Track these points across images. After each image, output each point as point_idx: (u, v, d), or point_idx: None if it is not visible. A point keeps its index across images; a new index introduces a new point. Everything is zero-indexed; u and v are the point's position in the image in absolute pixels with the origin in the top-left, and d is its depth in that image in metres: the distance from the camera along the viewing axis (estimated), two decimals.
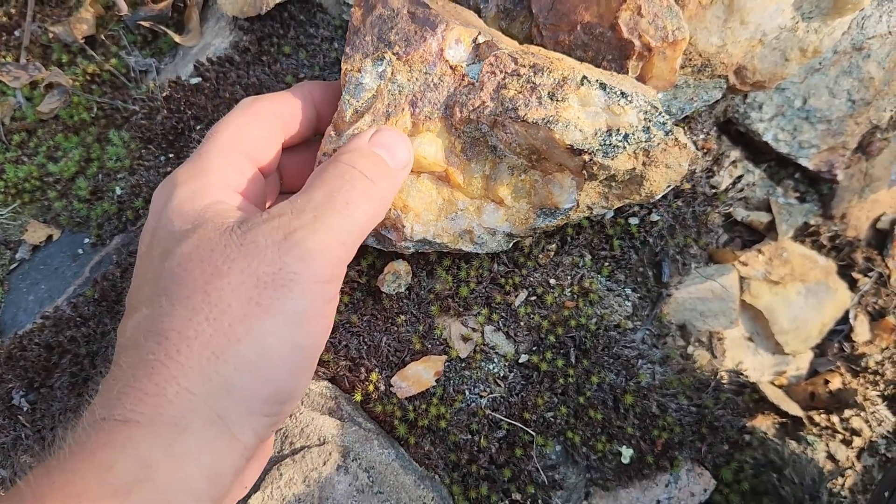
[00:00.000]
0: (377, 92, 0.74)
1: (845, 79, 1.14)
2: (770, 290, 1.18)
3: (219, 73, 1.15)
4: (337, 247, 0.59)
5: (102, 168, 1.18)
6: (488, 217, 0.82)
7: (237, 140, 0.69)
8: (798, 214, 1.20)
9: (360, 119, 0.74)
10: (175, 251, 0.58)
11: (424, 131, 0.76)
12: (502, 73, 0.75)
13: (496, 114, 0.74)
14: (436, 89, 0.75)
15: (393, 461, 0.88)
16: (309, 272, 0.57)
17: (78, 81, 1.27)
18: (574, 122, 0.73)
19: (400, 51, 0.73)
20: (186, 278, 0.56)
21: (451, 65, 0.75)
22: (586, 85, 0.75)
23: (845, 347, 1.24)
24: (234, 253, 0.57)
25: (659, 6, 0.89)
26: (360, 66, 0.73)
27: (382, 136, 0.70)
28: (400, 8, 0.74)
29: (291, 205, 0.61)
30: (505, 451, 0.91)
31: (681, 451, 0.96)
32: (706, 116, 1.08)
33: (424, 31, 0.73)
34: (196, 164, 0.66)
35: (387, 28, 0.74)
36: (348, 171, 0.64)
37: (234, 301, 0.55)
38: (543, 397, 0.93)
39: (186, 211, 0.61)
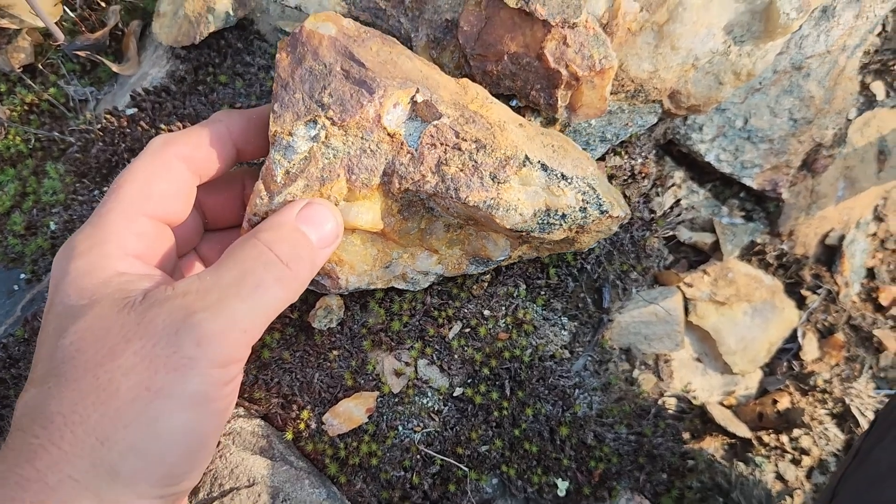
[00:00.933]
0: (310, 154, 0.69)
1: (786, 98, 1.13)
2: (716, 311, 1.17)
3: (154, 104, 1.13)
4: (238, 333, 0.57)
5: (38, 202, 1.16)
6: (422, 263, 0.82)
7: (141, 198, 0.65)
8: (743, 234, 1.19)
9: (293, 183, 0.69)
10: (69, 329, 0.56)
11: (362, 198, 0.73)
12: (443, 145, 0.73)
13: (437, 191, 0.73)
14: (373, 156, 0.71)
15: (324, 501, 0.87)
16: (206, 357, 0.55)
17: (16, 111, 1.26)
18: (514, 205, 0.74)
19: (335, 116, 0.68)
20: (78, 359, 0.54)
21: (390, 132, 0.71)
22: (528, 166, 0.75)
23: (794, 366, 1.23)
24: (130, 333, 0.55)
25: (585, 35, 0.88)
26: (290, 129, 0.68)
27: (311, 212, 0.67)
28: (332, 64, 0.69)
29: (199, 282, 0.58)
30: (439, 487, 0.90)
31: (619, 482, 0.95)
32: (645, 139, 1.08)
33: (361, 95, 0.69)
34: (96, 230, 0.63)
35: (319, 86, 0.68)
36: (264, 253, 0.61)
37: (124, 384, 0.53)
38: (478, 431, 0.92)
39: (84, 285, 0.59)
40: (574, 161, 0.80)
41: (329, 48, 0.70)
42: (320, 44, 0.69)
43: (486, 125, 0.75)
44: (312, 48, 0.69)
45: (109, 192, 0.66)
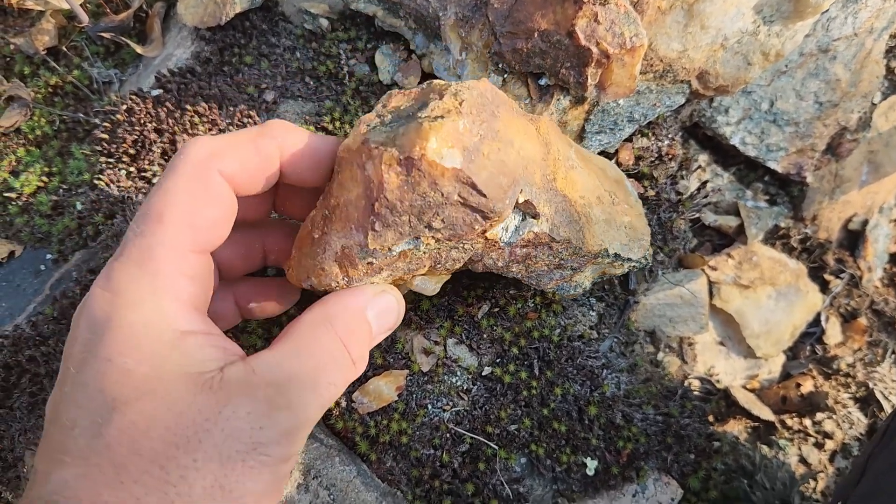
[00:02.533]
0: (401, 255, 0.65)
1: (812, 81, 1.13)
2: (740, 294, 1.17)
3: (180, 85, 1.13)
4: (309, 428, 0.55)
5: (64, 182, 1.16)
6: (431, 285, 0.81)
7: (192, 231, 0.57)
8: (768, 217, 1.19)
9: (377, 274, 0.65)
10: (132, 404, 0.49)
11: (437, 275, 0.73)
12: (535, 246, 0.73)
13: (518, 277, 0.78)
14: (464, 252, 0.69)
15: (354, 478, 0.87)
16: (279, 454, 0.52)
17: (40, 93, 1.26)
18: (581, 283, 0.83)
19: (441, 237, 0.64)
20: (145, 446, 0.48)
21: (489, 238, 0.69)
22: (603, 256, 0.80)
23: (817, 350, 1.23)
24: (209, 423, 0.49)
25: (616, 13, 0.88)
26: (391, 245, 0.63)
27: (382, 304, 0.65)
28: (450, 193, 0.61)
29: (279, 370, 0.54)
30: (468, 466, 0.90)
31: (647, 462, 0.95)
32: (671, 121, 1.08)
33: (475, 221, 0.64)
34: (143, 271, 0.54)
35: (431, 213, 0.62)
36: (339, 351, 0.58)
37: (198, 483, 0.48)
38: (507, 410, 0.92)
39: (145, 346, 0.51)
40: (640, 241, 0.86)
41: (451, 179, 0.61)
42: (442, 175, 0.60)
43: (575, 217, 0.75)
44: (431, 179, 0.60)
45: (148, 216, 0.56)
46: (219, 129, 1.08)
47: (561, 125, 0.97)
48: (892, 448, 0.81)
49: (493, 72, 0.97)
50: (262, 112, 1.11)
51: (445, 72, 1.05)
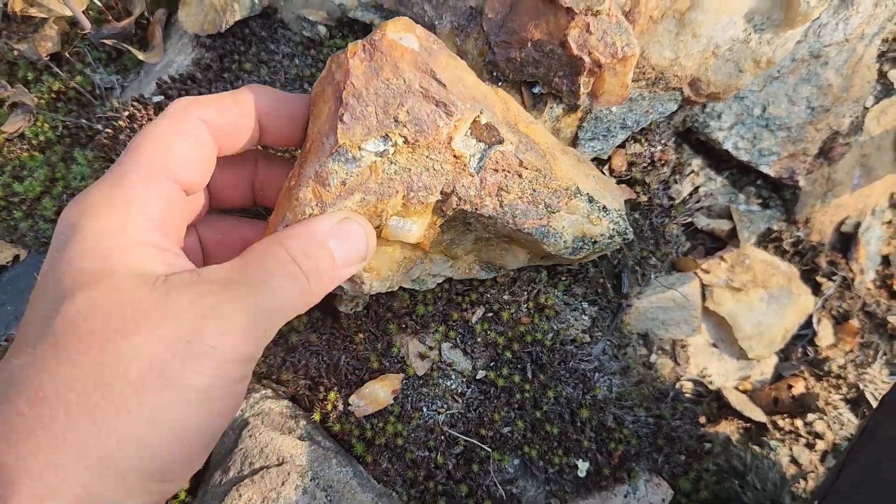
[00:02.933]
0: (372, 168, 0.66)
1: (804, 86, 1.14)
2: (733, 297, 1.19)
3: (181, 91, 1.15)
4: (260, 330, 0.55)
5: (67, 188, 1.18)
6: (438, 267, 0.85)
7: (165, 160, 0.61)
8: (760, 221, 1.21)
9: (349, 196, 0.66)
10: (77, 294, 0.51)
11: (414, 214, 0.73)
12: (505, 171, 0.74)
13: (494, 215, 0.75)
14: (435, 175, 0.70)
15: (351, 479, 0.89)
16: (227, 349, 0.52)
17: (44, 99, 1.28)
18: (560, 233, 0.79)
19: (408, 135, 0.66)
20: (83, 330, 0.49)
21: (456, 154, 0.70)
22: (577, 197, 0.80)
23: (809, 352, 1.25)
24: (150, 311, 0.51)
25: (608, 23, 0.90)
26: (360, 143, 0.64)
27: (346, 229, 0.65)
28: (412, 81, 0.65)
29: (226, 273, 0.56)
30: (462, 467, 0.92)
31: (638, 463, 0.97)
32: (664, 127, 1.09)
33: (438, 116, 0.66)
34: (115, 189, 0.58)
35: (396, 102, 0.65)
36: (288, 264, 0.59)
37: (134, 367, 0.48)
38: (500, 412, 0.94)
39: (101, 248, 0.54)
40: (612, 194, 0.85)
41: (410, 63, 0.65)
42: (402, 57, 0.65)
43: (541, 153, 0.77)
44: (393, 61, 0.65)
45: (128, 150, 0.61)
46: None
47: (554, 132, 0.99)
48: (877, 442, 0.82)
49: (487, 80, 0.98)
50: None
51: None
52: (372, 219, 0.70)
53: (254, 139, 0.70)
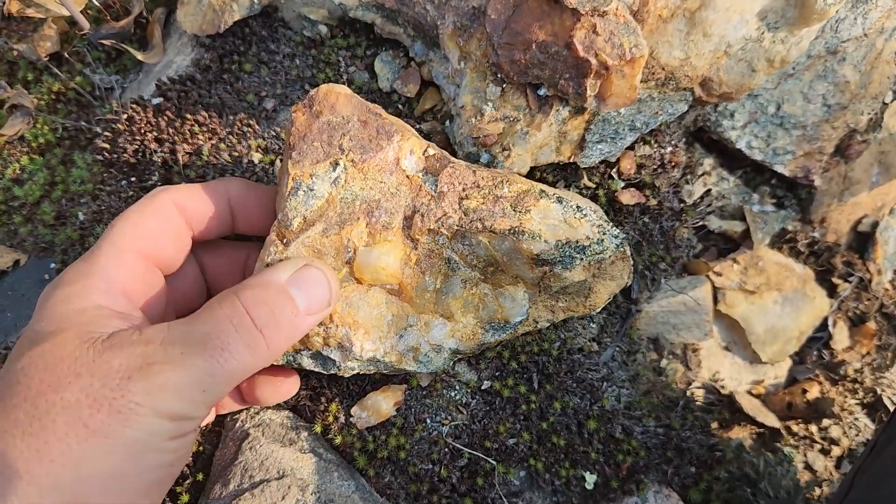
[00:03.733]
0: (329, 200, 0.71)
1: (820, 83, 1.11)
2: (746, 300, 1.16)
3: (180, 93, 1.13)
4: (195, 391, 0.55)
5: (67, 192, 1.17)
6: (436, 332, 0.80)
7: (132, 236, 0.65)
8: (774, 221, 1.18)
9: (310, 228, 0.70)
10: (25, 353, 0.55)
11: (382, 241, 0.73)
12: (461, 184, 0.75)
13: (460, 224, 0.75)
14: (393, 198, 0.73)
15: (353, 493, 0.88)
16: (153, 406, 0.53)
17: (43, 100, 1.26)
18: (538, 234, 0.76)
19: (355, 157, 0.71)
20: (23, 384, 0.52)
21: (408, 175, 0.74)
22: (545, 198, 0.78)
23: (824, 355, 1.22)
24: (83, 368, 0.53)
25: (615, 24, 0.87)
26: (311, 172, 0.70)
27: (305, 275, 0.65)
28: (350, 115, 0.72)
29: (167, 332, 0.57)
30: (467, 480, 0.91)
31: (647, 475, 0.95)
32: (675, 128, 1.06)
33: (380, 139, 0.72)
34: (85, 263, 0.63)
35: (338, 134, 0.71)
36: (238, 315, 0.59)
37: (61, 418, 0.51)
38: (506, 424, 0.92)
39: (58, 312, 0.58)
40: (582, 199, 0.83)
41: (346, 103, 0.72)
42: (337, 100, 0.72)
43: (498, 171, 0.80)
44: (330, 104, 0.72)
45: (104, 233, 0.66)
46: (219, 138, 1.08)
47: (561, 135, 0.96)
48: (883, 459, 0.80)
49: (491, 82, 0.95)
50: (261, 120, 1.11)
51: (444, 80, 1.04)
52: (340, 254, 0.72)
53: (227, 225, 0.75)
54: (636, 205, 1.00)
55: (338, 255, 0.71)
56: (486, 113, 0.96)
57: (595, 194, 1.01)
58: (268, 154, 1.07)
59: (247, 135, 1.09)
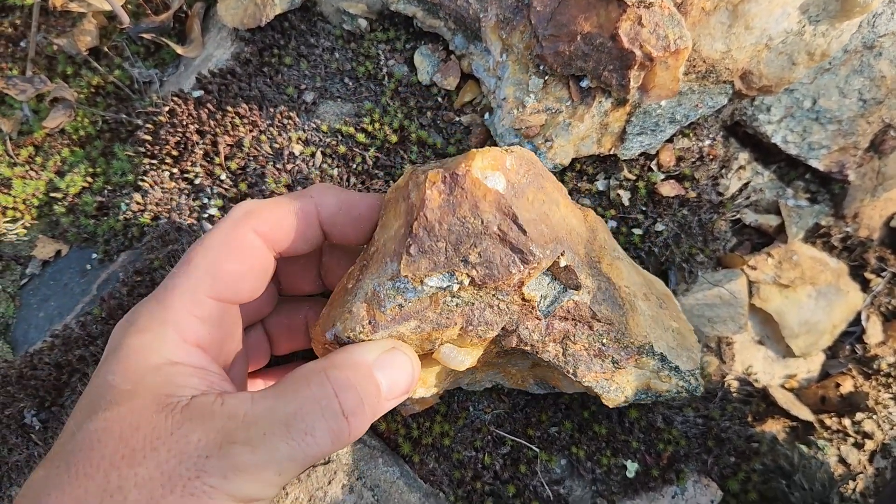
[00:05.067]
0: (432, 298, 0.63)
1: (856, 78, 1.11)
2: (780, 294, 1.16)
3: (221, 86, 1.14)
4: (272, 474, 0.53)
5: (108, 183, 1.18)
6: (488, 377, 0.81)
7: (211, 277, 0.62)
8: (808, 216, 1.18)
9: (404, 322, 0.63)
10: (100, 414, 0.52)
11: (469, 346, 0.68)
12: (574, 321, 0.69)
13: (554, 362, 0.70)
14: (498, 314, 0.66)
15: (397, 479, 0.89)
16: (228, 491, 0.51)
17: (83, 93, 1.28)
18: (623, 387, 0.74)
19: (476, 276, 0.62)
20: (97, 451, 0.50)
21: (526, 297, 0.66)
22: (648, 356, 0.74)
23: (857, 349, 1.22)
24: (159, 442, 0.51)
25: (660, 15, 0.88)
26: (423, 277, 0.61)
27: (392, 360, 0.62)
28: (490, 222, 0.61)
29: (250, 407, 0.54)
30: (509, 468, 0.91)
31: (687, 464, 0.95)
32: (712, 121, 1.07)
33: (513, 263, 0.62)
34: (159, 306, 0.60)
35: (469, 242, 0.61)
36: (328, 398, 0.56)
37: (132, 496, 0.49)
38: (548, 413, 0.93)
39: (131, 366, 0.55)
40: (688, 351, 0.80)
41: (492, 204, 0.62)
42: (483, 197, 0.61)
43: (619, 302, 0.73)
44: (473, 200, 0.61)
45: (181, 262, 0.63)
46: (259, 131, 1.10)
47: (602, 127, 0.97)
48: None
49: (533, 74, 0.97)
50: (301, 113, 1.12)
51: (485, 73, 1.05)
52: (424, 343, 0.66)
53: (315, 242, 0.71)
54: (675, 197, 1.01)
55: (421, 344, 0.66)
56: (529, 105, 0.97)
57: (635, 186, 1.01)
58: (308, 146, 1.08)
59: (287, 127, 1.10)
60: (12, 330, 1.14)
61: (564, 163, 0.98)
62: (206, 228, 1.04)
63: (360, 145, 1.07)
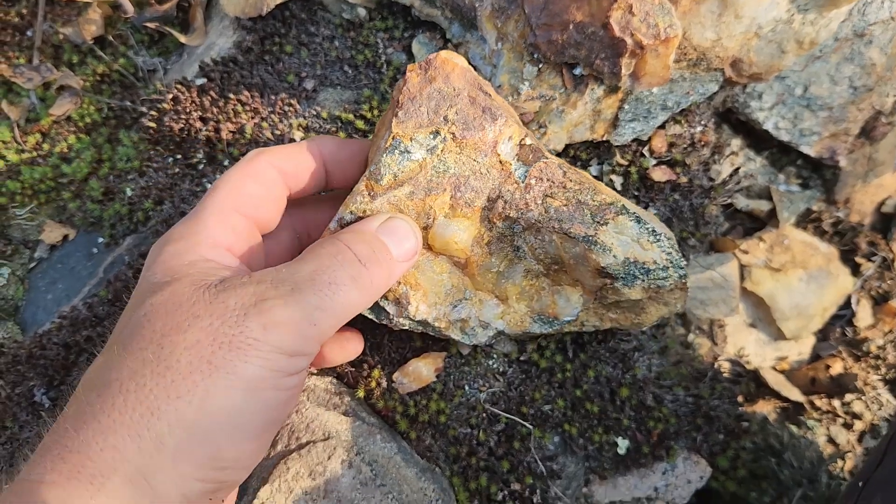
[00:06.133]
0: (421, 165, 0.73)
1: (847, 65, 1.13)
2: (771, 277, 1.19)
3: (223, 74, 1.17)
4: (307, 325, 0.58)
5: (114, 169, 1.21)
6: (487, 311, 0.83)
7: (234, 198, 0.69)
8: (800, 201, 1.20)
9: (399, 187, 0.72)
10: (146, 301, 0.58)
11: (462, 217, 0.76)
12: (549, 181, 0.77)
13: (539, 221, 0.77)
14: (482, 178, 0.75)
15: (395, 455, 0.91)
16: (270, 342, 0.56)
17: (88, 82, 1.30)
18: (609, 248, 0.77)
19: (456, 131, 0.72)
20: (147, 328, 0.56)
21: (502, 160, 0.76)
22: (624, 214, 0.79)
23: (847, 332, 1.25)
24: (201, 310, 0.56)
25: (650, 4, 0.90)
26: (412, 135, 0.71)
27: (393, 225, 0.69)
28: (461, 89, 0.73)
29: (275, 273, 0.60)
30: (504, 444, 0.94)
31: (677, 441, 0.98)
32: (704, 108, 1.09)
33: (484, 119, 0.73)
34: (191, 222, 0.66)
35: (445, 105, 0.72)
36: (342, 251, 0.62)
37: (185, 357, 0.54)
38: (541, 391, 0.95)
39: (170, 265, 0.62)
40: (658, 224, 0.83)
41: (460, 76, 0.73)
42: (452, 70, 0.73)
43: (586, 177, 0.80)
44: (444, 73, 0.73)
45: (206, 194, 0.70)
46: (261, 117, 1.12)
47: (595, 114, 1.00)
48: None
49: (528, 62, 0.99)
50: (302, 100, 1.14)
51: (482, 60, 1.07)
52: (420, 218, 0.74)
53: (321, 182, 0.78)
54: (667, 182, 1.04)
55: (417, 218, 0.74)
56: (523, 92, 1.00)
57: (627, 171, 1.04)
58: (308, 132, 1.11)
59: (288, 114, 1.13)
60: (21, 312, 1.18)
61: (558, 148, 1.01)
62: None
63: (359, 131, 1.09)
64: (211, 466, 0.55)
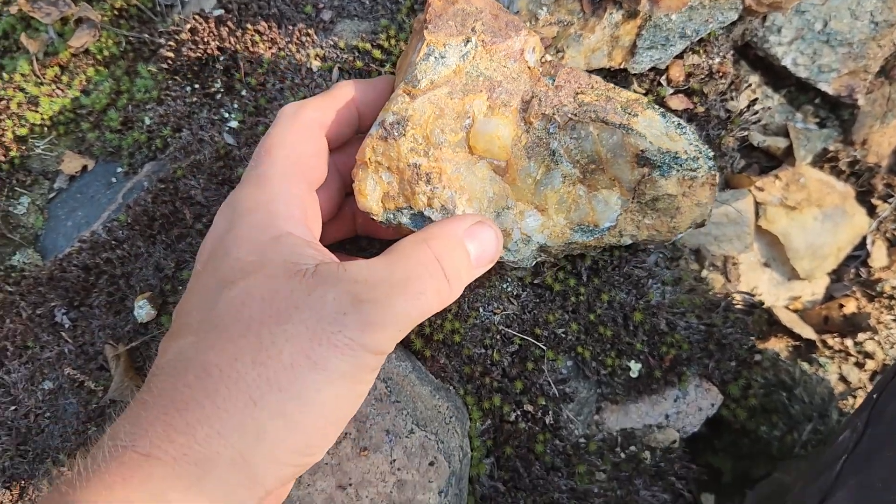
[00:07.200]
0: (456, 70, 0.75)
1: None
2: (786, 216, 1.19)
3: (241, 5, 1.17)
4: (394, 329, 0.60)
5: (132, 99, 1.22)
6: (529, 222, 0.83)
7: (296, 163, 0.70)
8: (817, 140, 1.20)
9: (437, 88, 0.74)
10: (237, 283, 0.59)
11: (500, 115, 0.78)
12: (577, 82, 0.81)
13: (574, 113, 0.79)
14: (514, 82, 0.78)
15: (410, 373, 0.93)
16: (365, 342, 0.57)
17: (106, 16, 1.31)
18: (643, 134, 0.79)
19: (486, 39, 0.75)
20: (244, 314, 0.57)
21: (529, 66, 0.79)
22: (651, 109, 0.82)
23: (861, 273, 1.25)
24: (300, 302, 0.57)
25: None
26: (444, 42, 0.74)
27: (479, 231, 0.70)
28: (483, 8, 0.77)
29: (369, 272, 0.61)
30: (517, 365, 0.95)
31: (689, 367, 0.99)
32: (723, 39, 1.08)
33: (509, 30, 0.77)
34: (258, 190, 0.67)
35: (471, 20, 0.75)
36: (433, 264, 0.63)
37: (286, 349, 0.55)
38: (555, 314, 0.96)
39: (254, 240, 0.62)
40: (682, 121, 0.86)
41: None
42: None
43: (609, 84, 0.84)
44: None
45: (259, 155, 0.70)
46: (278, 48, 1.12)
47: (613, 40, 0.99)
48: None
49: None
50: (319, 31, 1.14)
51: None
52: (460, 118, 0.76)
53: (356, 126, 0.80)
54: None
55: (458, 118, 0.75)
56: (541, 17, 0.99)
57: None
58: (325, 62, 1.11)
59: (305, 44, 1.13)
60: (42, 240, 1.19)
61: None
62: (228, 140, 1.08)
63: (376, 61, 1.09)
64: (302, 453, 0.58)
